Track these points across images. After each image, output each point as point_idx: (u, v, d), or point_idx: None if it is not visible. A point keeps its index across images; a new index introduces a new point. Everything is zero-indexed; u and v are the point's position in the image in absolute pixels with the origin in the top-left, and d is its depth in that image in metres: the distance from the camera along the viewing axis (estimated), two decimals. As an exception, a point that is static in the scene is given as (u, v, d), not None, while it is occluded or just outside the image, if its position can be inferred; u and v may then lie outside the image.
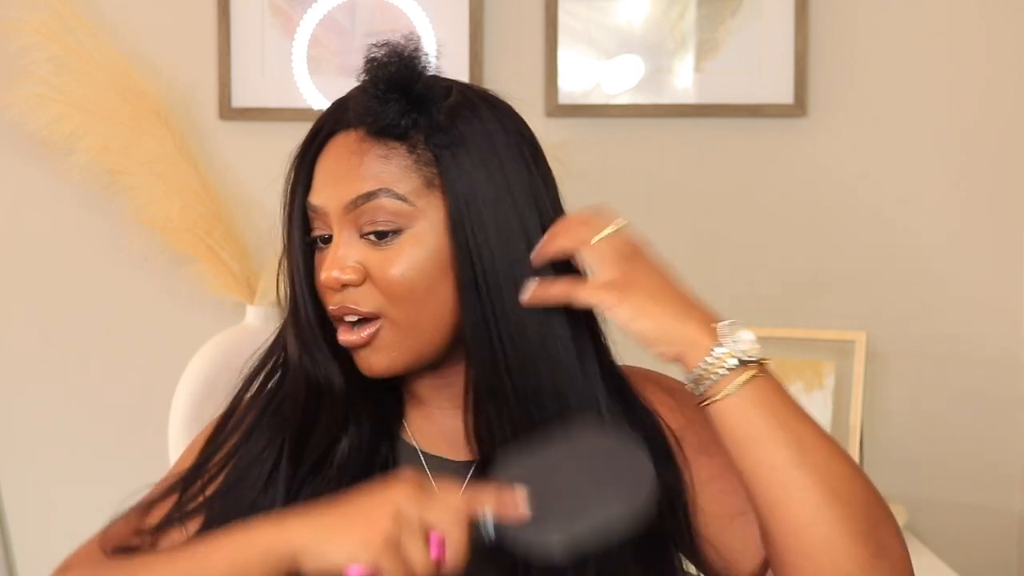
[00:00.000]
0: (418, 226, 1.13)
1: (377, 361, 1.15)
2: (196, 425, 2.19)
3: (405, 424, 1.23)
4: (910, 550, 2.22)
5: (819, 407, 2.33)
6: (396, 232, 1.13)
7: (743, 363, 1.06)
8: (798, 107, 2.41)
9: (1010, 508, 2.48)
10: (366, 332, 1.13)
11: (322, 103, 2.40)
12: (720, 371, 1.06)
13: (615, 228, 1.11)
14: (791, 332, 2.38)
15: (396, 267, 1.12)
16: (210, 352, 2.24)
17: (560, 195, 1.20)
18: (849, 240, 2.46)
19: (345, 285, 1.13)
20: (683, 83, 2.43)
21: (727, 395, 1.06)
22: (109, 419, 2.45)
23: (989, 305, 2.46)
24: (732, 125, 2.44)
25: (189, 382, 2.21)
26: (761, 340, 1.09)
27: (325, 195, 1.14)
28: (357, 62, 1.16)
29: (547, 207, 1.17)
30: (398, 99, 1.12)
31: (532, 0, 2.42)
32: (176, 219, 2.31)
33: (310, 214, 1.16)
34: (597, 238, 1.10)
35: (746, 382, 1.06)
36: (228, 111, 2.41)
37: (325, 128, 1.16)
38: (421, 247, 1.13)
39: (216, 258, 2.31)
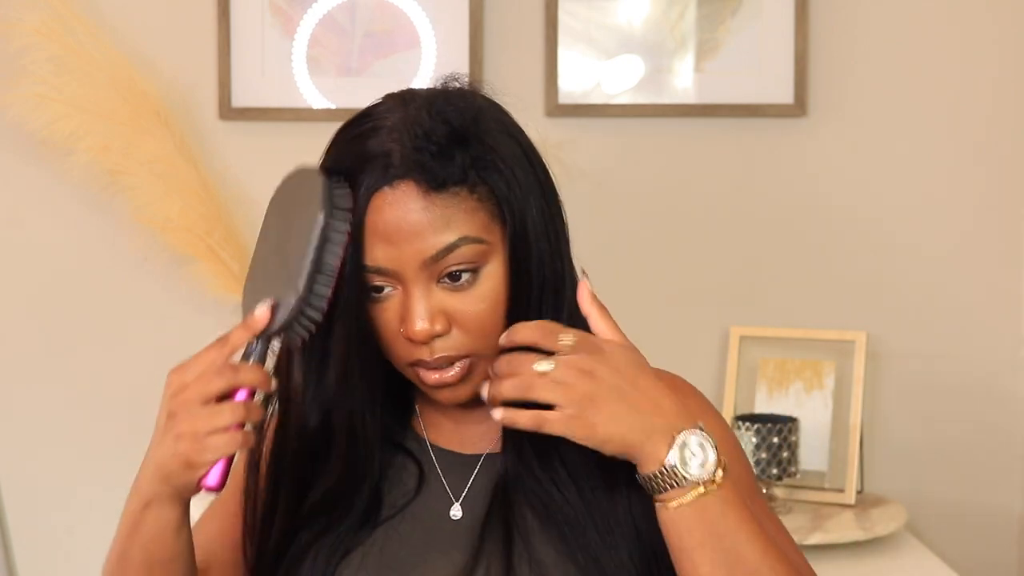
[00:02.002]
0: (494, 259, 1.13)
1: (464, 392, 1.16)
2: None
3: (418, 418, 1.25)
4: (910, 550, 2.22)
5: (819, 407, 2.33)
6: (473, 272, 1.12)
7: (695, 481, 1.06)
8: (798, 107, 2.41)
9: (1010, 508, 2.48)
10: (456, 370, 1.14)
11: (322, 103, 2.40)
12: (669, 484, 1.06)
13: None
14: (791, 332, 2.38)
15: (481, 305, 1.13)
16: (210, 352, 2.24)
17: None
18: (849, 240, 2.46)
19: (437, 336, 1.12)
20: (683, 83, 2.43)
21: (673, 507, 1.06)
22: (109, 419, 2.45)
23: (989, 305, 2.46)
24: (732, 125, 2.44)
25: (189, 382, 2.21)
26: (762, 340, 1.09)
27: (394, 256, 1.11)
28: (357, 62, 1.16)
29: (554, 198, 1.19)
30: (460, 152, 1.11)
31: (532, 0, 2.42)
32: (176, 219, 2.30)
33: (369, 275, 1.12)
34: (565, 341, 1.08)
35: (693, 500, 1.06)
36: (228, 111, 2.41)
37: (366, 185, 1.11)
38: (497, 278, 1.13)
39: (216, 258, 2.31)
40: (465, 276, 1.12)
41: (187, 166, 2.31)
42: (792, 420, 2.23)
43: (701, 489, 1.06)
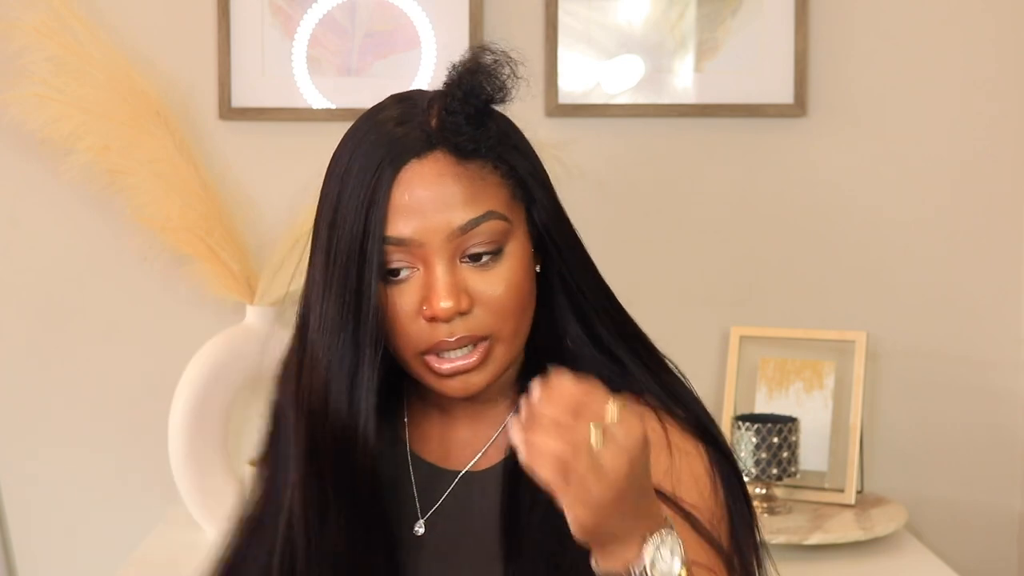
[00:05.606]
0: (514, 240, 1.12)
1: (478, 380, 1.13)
2: (196, 425, 2.19)
3: (405, 425, 1.23)
4: (910, 550, 2.21)
5: (819, 407, 2.33)
6: (497, 251, 1.11)
7: None
8: (798, 107, 2.41)
9: (1010, 508, 2.48)
10: (477, 354, 1.11)
11: (322, 103, 2.40)
12: None
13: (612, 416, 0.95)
14: (791, 332, 2.38)
15: (504, 285, 1.11)
16: (210, 352, 2.24)
17: None
18: (849, 240, 2.46)
19: (460, 314, 1.10)
20: (683, 83, 2.42)
21: None
22: (109, 419, 2.45)
23: (988, 305, 2.46)
24: (732, 125, 2.44)
25: (189, 382, 2.21)
26: (762, 340, 1.08)
27: (419, 226, 1.09)
28: (357, 62, 1.15)
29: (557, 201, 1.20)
30: (491, 121, 1.11)
31: (532, 0, 2.42)
32: (176, 219, 2.30)
33: (389, 248, 1.09)
34: (595, 439, 0.93)
35: None
36: (228, 111, 2.41)
37: (394, 158, 1.10)
38: (519, 259, 1.13)
39: (216, 258, 2.31)
40: (486, 257, 1.11)
41: (187, 166, 2.31)
42: (792, 420, 2.23)
43: None
